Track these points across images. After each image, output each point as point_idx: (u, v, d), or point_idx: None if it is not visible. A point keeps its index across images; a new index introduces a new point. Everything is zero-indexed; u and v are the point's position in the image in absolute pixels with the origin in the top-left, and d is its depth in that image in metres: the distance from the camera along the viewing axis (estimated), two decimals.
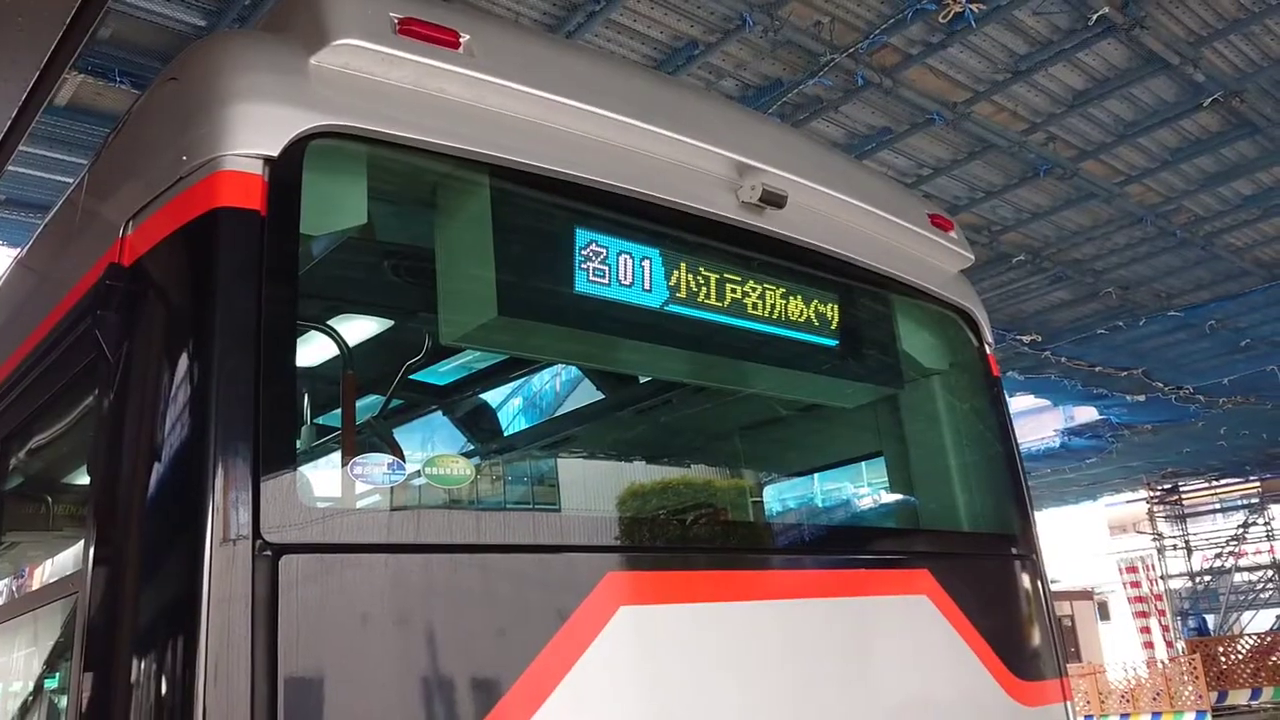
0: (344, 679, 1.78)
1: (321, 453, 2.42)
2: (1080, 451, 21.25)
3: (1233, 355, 15.03)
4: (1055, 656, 3.30)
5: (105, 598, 1.94)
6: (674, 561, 2.37)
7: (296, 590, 1.75)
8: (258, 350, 1.88)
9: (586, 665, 2.07)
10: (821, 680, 2.55)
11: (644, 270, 2.59)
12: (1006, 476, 3.50)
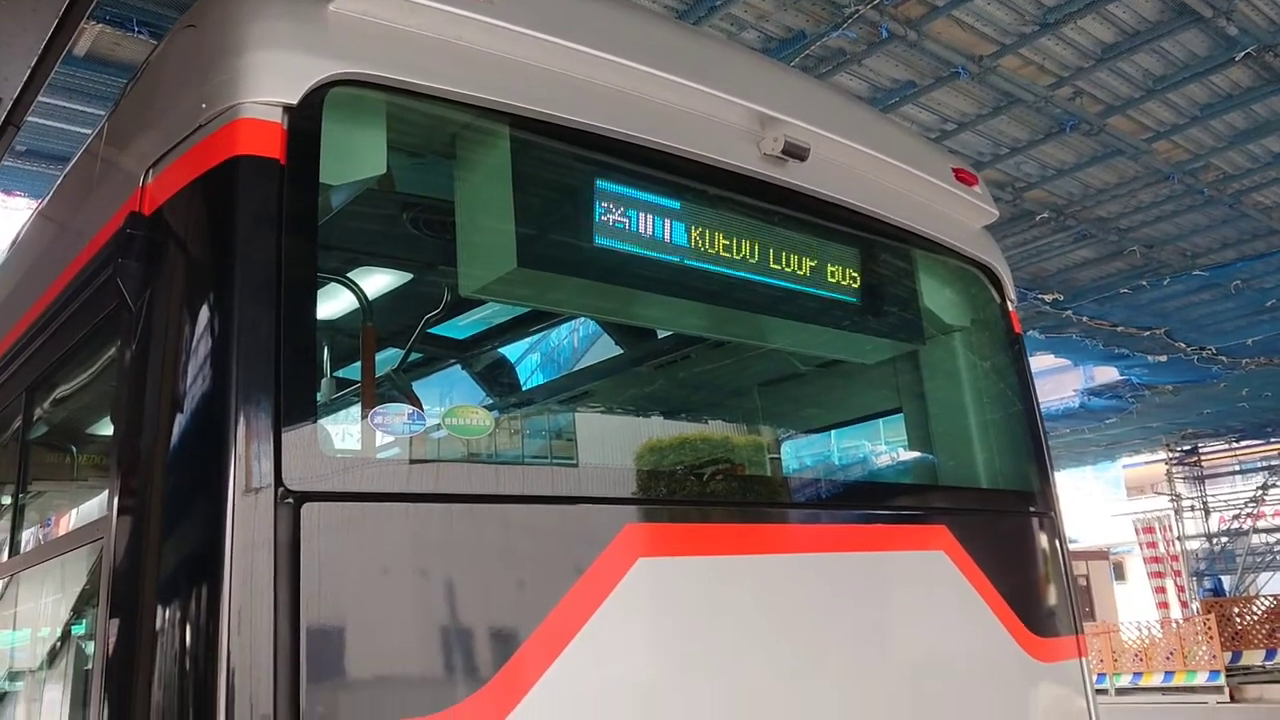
0: (364, 625, 1.80)
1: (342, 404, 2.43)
2: (1100, 412, 21.16)
3: (1257, 316, 14.87)
4: (1071, 613, 3.30)
5: (130, 543, 1.97)
6: (692, 515, 2.38)
7: (318, 537, 1.77)
8: (278, 298, 1.88)
9: (604, 616, 2.09)
10: (838, 634, 2.56)
11: (664, 223, 2.57)
12: (1026, 434, 3.48)
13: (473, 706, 1.86)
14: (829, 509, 2.77)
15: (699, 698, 2.22)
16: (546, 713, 1.95)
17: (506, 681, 1.91)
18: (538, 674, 1.96)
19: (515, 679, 1.93)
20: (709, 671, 2.25)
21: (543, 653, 1.98)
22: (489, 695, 1.88)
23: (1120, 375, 18.86)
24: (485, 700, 1.88)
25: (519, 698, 1.92)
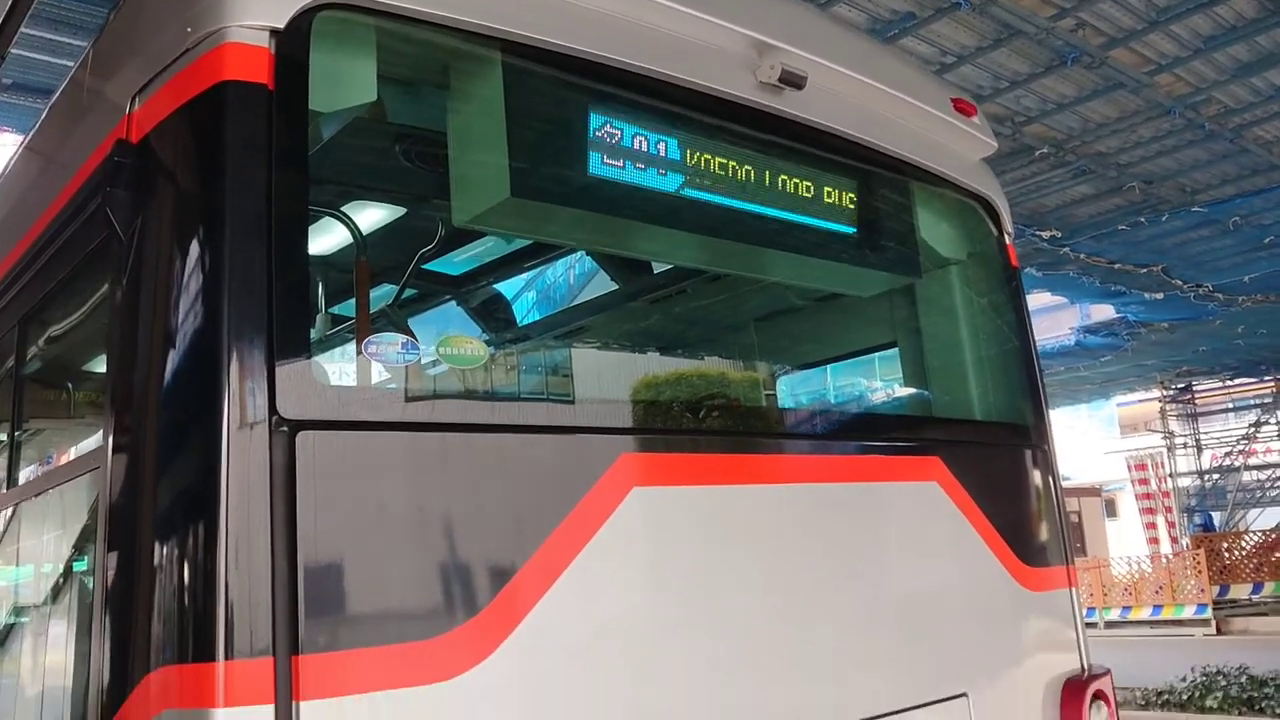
0: (361, 552, 1.81)
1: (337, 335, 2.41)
2: (1095, 349, 21.22)
3: (1255, 253, 14.84)
4: (1062, 544, 3.34)
5: (126, 472, 1.97)
6: (687, 445, 2.39)
7: (313, 466, 1.77)
8: (269, 224, 1.87)
9: (599, 543, 2.10)
10: (832, 562, 2.59)
11: (658, 152, 2.54)
12: (1021, 367, 3.49)
13: (469, 632, 1.88)
14: (823, 440, 2.78)
15: (693, 624, 2.24)
16: (542, 639, 1.98)
17: (502, 608, 1.93)
18: (533, 601, 1.98)
19: (511, 606, 1.95)
20: (703, 599, 2.27)
21: (538, 580, 2.00)
22: (485, 621, 1.91)
23: (1116, 313, 18.88)
24: (481, 626, 1.90)
25: (515, 624, 1.94)
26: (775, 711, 2.34)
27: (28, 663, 2.59)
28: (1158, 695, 12.46)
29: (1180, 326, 19.23)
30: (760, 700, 2.32)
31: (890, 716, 2.58)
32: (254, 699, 1.64)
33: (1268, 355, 24.76)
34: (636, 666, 2.15)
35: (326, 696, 1.70)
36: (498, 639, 1.92)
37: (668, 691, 2.17)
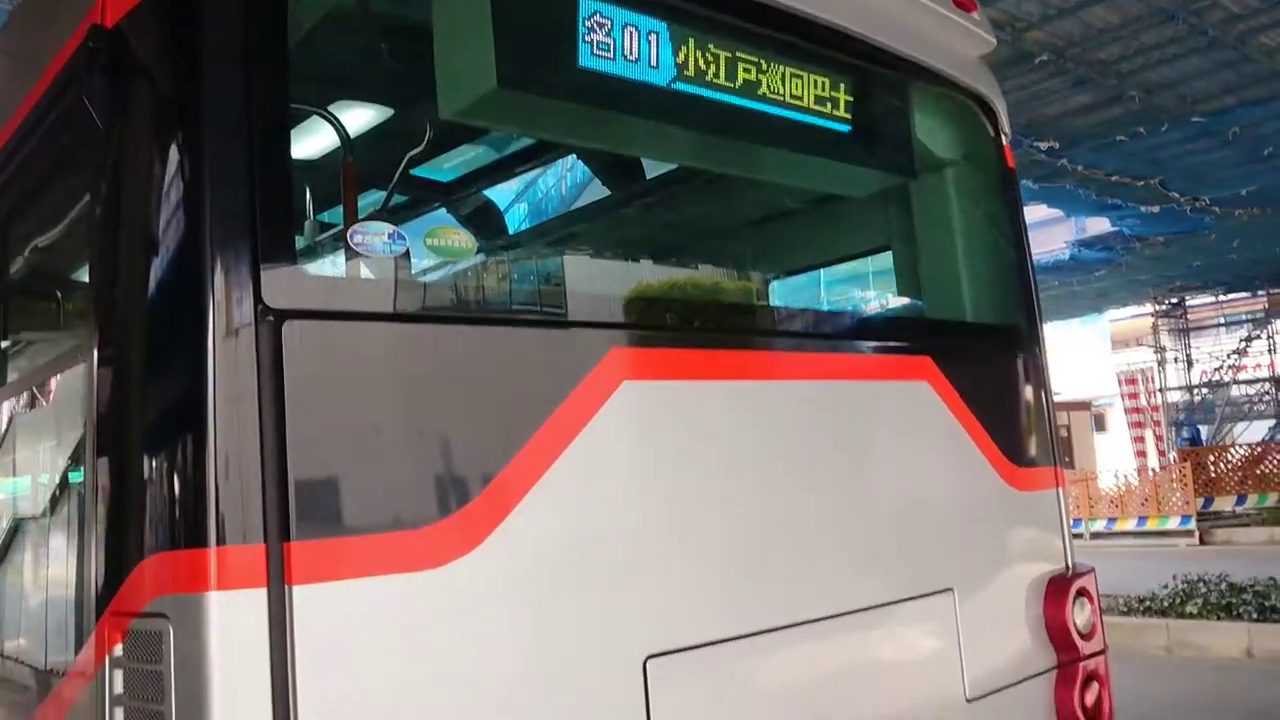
0: (349, 442, 1.81)
1: (323, 225, 2.38)
2: (1089, 264, 21.19)
3: (1253, 165, 14.72)
4: (1050, 445, 3.36)
5: (113, 363, 1.97)
6: (678, 339, 2.38)
7: (301, 355, 1.76)
8: (250, 109, 1.83)
9: (589, 437, 2.11)
10: (822, 459, 2.61)
11: (650, 44, 2.48)
12: (1014, 269, 3.47)
13: (459, 521, 1.90)
14: (816, 338, 2.77)
15: (682, 517, 2.26)
16: (532, 529, 1.99)
17: (492, 498, 1.95)
18: (523, 492, 1.99)
19: (500, 496, 1.96)
20: (693, 492, 2.29)
21: (528, 471, 2.01)
22: (475, 511, 1.92)
23: (1112, 226, 18.80)
24: (471, 516, 1.91)
25: (504, 514, 1.96)
26: (763, 604, 2.38)
27: (22, 557, 2.61)
28: (1140, 602, 12.73)
29: (1175, 240, 19.17)
30: (747, 592, 2.35)
31: (877, 609, 2.63)
32: (246, 583, 1.66)
33: (1261, 270, 24.76)
34: (625, 558, 2.17)
35: (318, 581, 1.72)
36: (487, 529, 1.93)
37: (656, 582, 2.20)
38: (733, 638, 2.29)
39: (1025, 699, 3.02)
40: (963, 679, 2.83)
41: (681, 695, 2.16)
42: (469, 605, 1.90)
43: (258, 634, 1.66)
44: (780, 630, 2.39)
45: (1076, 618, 3.16)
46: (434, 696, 1.82)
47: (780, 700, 2.38)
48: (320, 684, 1.69)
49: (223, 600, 1.64)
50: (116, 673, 1.84)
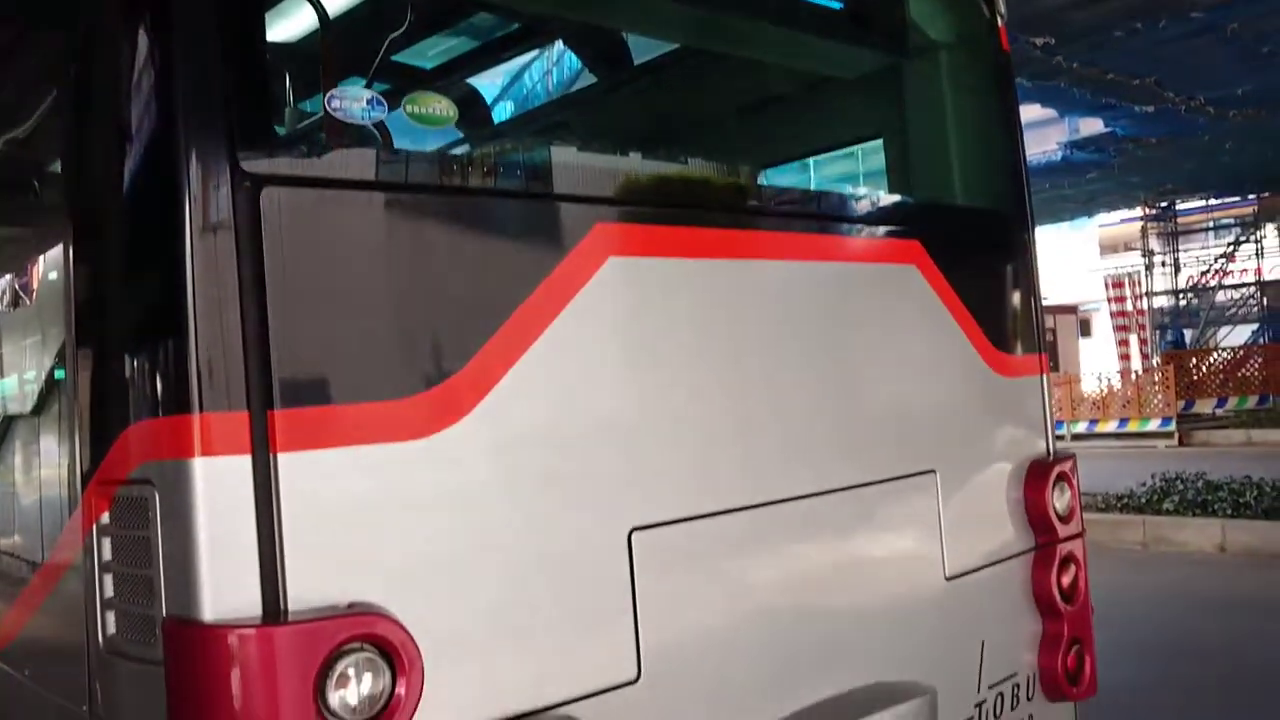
0: (331, 312, 1.79)
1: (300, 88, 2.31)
2: (1081, 166, 21.01)
3: (1250, 63, 14.48)
4: (1035, 332, 3.37)
5: (91, 231, 1.94)
6: (665, 216, 2.34)
7: (279, 222, 1.73)
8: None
9: (574, 312, 2.10)
10: (808, 340, 2.60)
11: None
12: (1006, 155, 3.42)
13: (443, 394, 1.89)
14: (805, 219, 2.74)
15: (667, 393, 2.27)
16: (517, 403, 1.99)
17: (476, 371, 1.94)
18: (508, 365, 1.99)
19: (485, 370, 1.95)
20: (678, 369, 2.29)
21: (512, 345, 1.99)
22: (459, 384, 1.91)
23: (1105, 127, 18.59)
24: (455, 388, 1.91)
25: (489, 387, 1.95)
26: (746, 481, 2.40)
27: (8, 432, 2.61)
28: (1118, 499, 13.00)
29: (1169, 142, 18.99)
30: (731, 469, 2.37)
31: (860, 489, 2.67)
32: (230, 450, 1.66)
33: (1252, 173, 24.62)
34: (610, 433, 2.18)
35: (303, 449, 1.72)
36: (472, 401, 1.93)
37: (641, 457, 2.21)
38: (716, 513, 2.32)
39: (1003, 578, 3.09)
40: (943, 558, 2.88)
41: (664, 567, 2.20)
42: (454, 476, 1.91)
43: (243, 500, 1.67)
44: (763, 507, 2.42)
45: (1056, 501, 3.21)
46: (419, 564, 1.84)
47: (761, 574, 2.42)
48: (306, 549, 1.71)
49: (207, 466, 1.64)
50: (104, 540, 1.86)
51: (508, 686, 1.92)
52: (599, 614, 2.09)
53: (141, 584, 1.74)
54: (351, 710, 1.68)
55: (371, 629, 1.70)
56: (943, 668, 2.82)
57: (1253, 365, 26.44)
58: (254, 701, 1.60)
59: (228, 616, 1.62)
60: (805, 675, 2.48)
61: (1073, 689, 3.19)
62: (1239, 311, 30.53)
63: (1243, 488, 12.20)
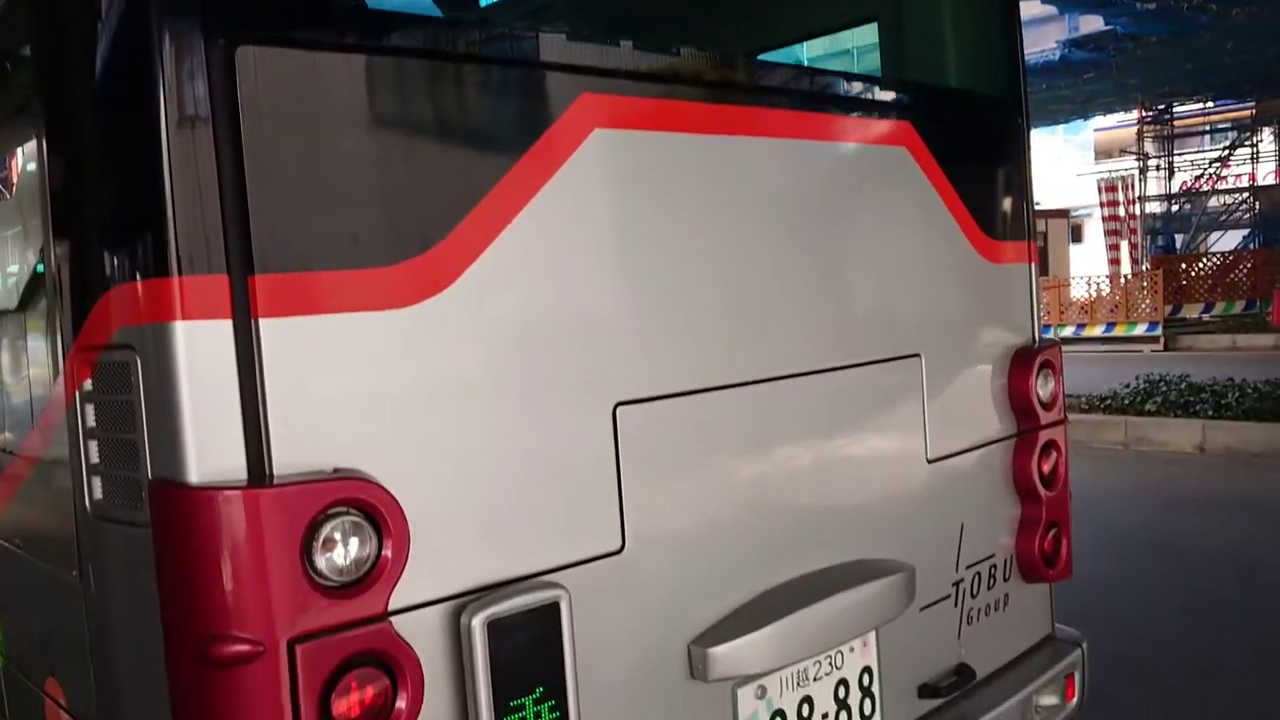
0: (310, 176, 1.75)
1: None
2: (1079, 65, 20.68)
3: None
4: (1025, 220, 3.35)
5: (63, 97, 1.89)
6: (653, 89, 2.29)
7: (256, 82, 1.68)
8: None
9: (560, 184, 2.06)
10: (795, 219, 2.57)
11: None
12: (1002, 37, 3.35)
13: (426, 263, 1.87)
14: (796, 95, 2.68)
15: (653, 268, 2.25)
16: (501, 275, 1.97)
17: (460, 241, 1.91)
18: (492, 236, 1.96)
19: (469, 240, 1.92)
20: (664, 245, 2.27)
21: (497, 216, 1.96)
22: (442, 253, 1.89)
23: (1105, 25, 18.25)
24: (438, 258, 1.88)
25: (473, 258, 1.93)
26: (730, 359, 2.40)
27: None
28: (1101, 400, 13.15)
29: (1169, 41, 18.67)
30: (715, 347, 2.37)
31: (844, 370, 2.67)
32: (210, 314, 1.64)
33: (1251, 74, 24.28)
34: (596, 308, 2.17)
35: (285, 315, 1.70)
36: (456, 271, 1.91)
37: (626, 333, 2.21)
38: (700, 390, 2.32)
39: (985, 462, 3.13)
40: (925, 441, 2.91)
41: (649, 442, 2.21)
42: (438, 346, 1.90)
43: (225, 365, 1.66)
44: (748, 385, 2.42)
45: (1039, 388, 3.23)
46: (403, 433, 1.84)
47: (745, 451, 2.44)
48: (290, 415, 1.71)
49: (188, 330, 1.63)
50: (88, 406, 1.85)
51: (493, 554, 1.95)
52: (583, 485, 2.11)
53: (126, 448, 1.75)
54: (339, 572, 1.70)
55: (356, 493, 1.71)
56: (922, 547, 2.87)
57: (1241, 270, 26.52)
58: (241, 563, 1.61)
59: (213, 479, 1.63)
60: (787, 551, 2.52)
61: (1049, 571, 3.27)
62: (1231, 217, 30.47)
63: (1225, 389, 12.36)
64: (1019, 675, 3.16)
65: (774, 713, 2.48)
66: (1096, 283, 25.47)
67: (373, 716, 1.74)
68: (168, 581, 1.66)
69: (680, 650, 2.27)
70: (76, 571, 1.98)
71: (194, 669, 1.64)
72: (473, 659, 1.83)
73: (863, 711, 2.69)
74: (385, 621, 1.75)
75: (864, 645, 2.69)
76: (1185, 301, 26.13)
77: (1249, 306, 25.70)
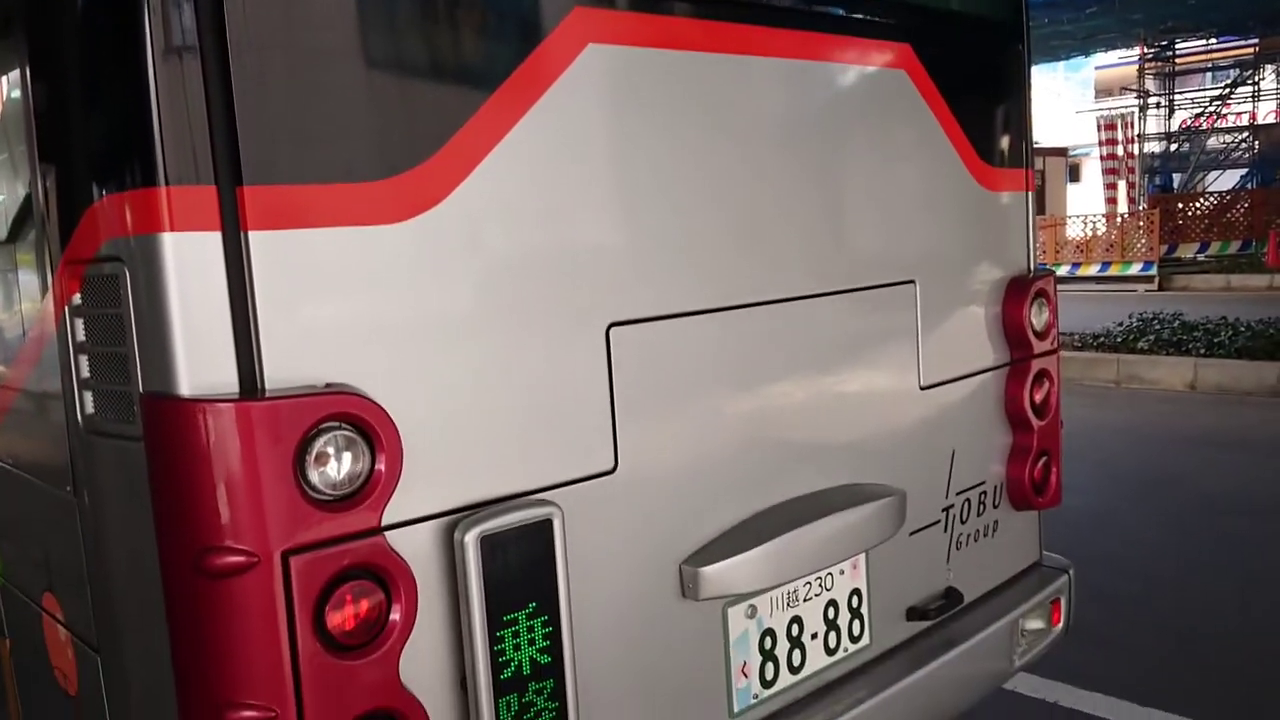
0: (298, 87, 1.71)
1: None
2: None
3: None
4: (1023, 149, 3.32)
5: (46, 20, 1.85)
6: (648, 4, 2.25)
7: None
8: None
9: (553, 100, 2.03)
10: (791, 141, 2.54)
11: None
12: None
13: (416, 179, 1.84)
14: (795, 15, 2.62)
15: (648, 189, 2.22)
16: (493, 192, 1.95)
17: (451, 157, 1.88)
18: (484, 152, 1.93)
19: (460, 155, 1.89)
20: (659, 165, 2.24)
21: (489, 132, 1.93)
22: (433, 169, 1.86)
23: None
24: (429, 174, 1.85)
25: (465, 174, 1.90)
26: (723, 281, 2.38)
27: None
28: (1094, 338, 13.18)
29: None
30: (709, 269, 2.35)
31: (839, 295, 2.66)
32: (199, 226, 1.62)
33: (1256, 10, 23.94)
34: (589, 228, 2.15)
35: (274, 228, 1.68)
36: (447, 188, 1.89)
37: (620, 253, 2.19)
38: (694, 312, 2.31)
39: (977, 391, 3.14)
40: (918, 368, 2.92)
41: (642, 363, 2.21)
42: (430, 263, 1.88)
43: (215, 278, 1.64)
44: (741, 308, 2.41)
45: (1033, 317, 3.23)
46: (396, 349, 1.84)
47: (738, 374, 2.44)
48: (281, 330, 1.69)
49: (176, 241, 1.61)
50: (77, 321, 1.84)
51: (486, 471, 1.96)
52: (577, 405, 2.11)
53: (117, 362, 1.74)
54: (333, 486, 1.70)
55: (349, 408, 1.71)
56: (913, 473, 2.89)
57: (1238, 210, 26.42)
58: (234, 475, 1.61)
59: (204, 392, 1.63)
60: (779, 473, 2.53)
61: (1038, 499, 3.30)
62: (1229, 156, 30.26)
63: (1217, 328, 12.39)
64: (1006, 600, 3.21)
65: (764, 632, 2.51)
66: (1092, 222, 25.36)
67: (367, 629, 1.75)
68: (161, 494, 1.67)
69: (672, 569, 2.29)
70: (70, 487, 1.99)
71: (189, 581, 1.65)
72: (466, 574, 1.85)
73: (851, 632, 2.73)
74: (379, 535, 1.75)
75: (854, 568, 2.72)
76: (1181, 241, 26.07)
77: (1245, 247, 25.66)
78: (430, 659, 1.88)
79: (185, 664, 1.69)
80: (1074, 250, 25.07)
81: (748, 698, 2.48)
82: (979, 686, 3.10)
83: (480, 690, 1.86)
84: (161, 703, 1.76)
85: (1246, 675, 4.69)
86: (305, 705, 1.68)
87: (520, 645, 1.90)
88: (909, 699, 2.74)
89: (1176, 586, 5.80)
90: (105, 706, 2.02)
